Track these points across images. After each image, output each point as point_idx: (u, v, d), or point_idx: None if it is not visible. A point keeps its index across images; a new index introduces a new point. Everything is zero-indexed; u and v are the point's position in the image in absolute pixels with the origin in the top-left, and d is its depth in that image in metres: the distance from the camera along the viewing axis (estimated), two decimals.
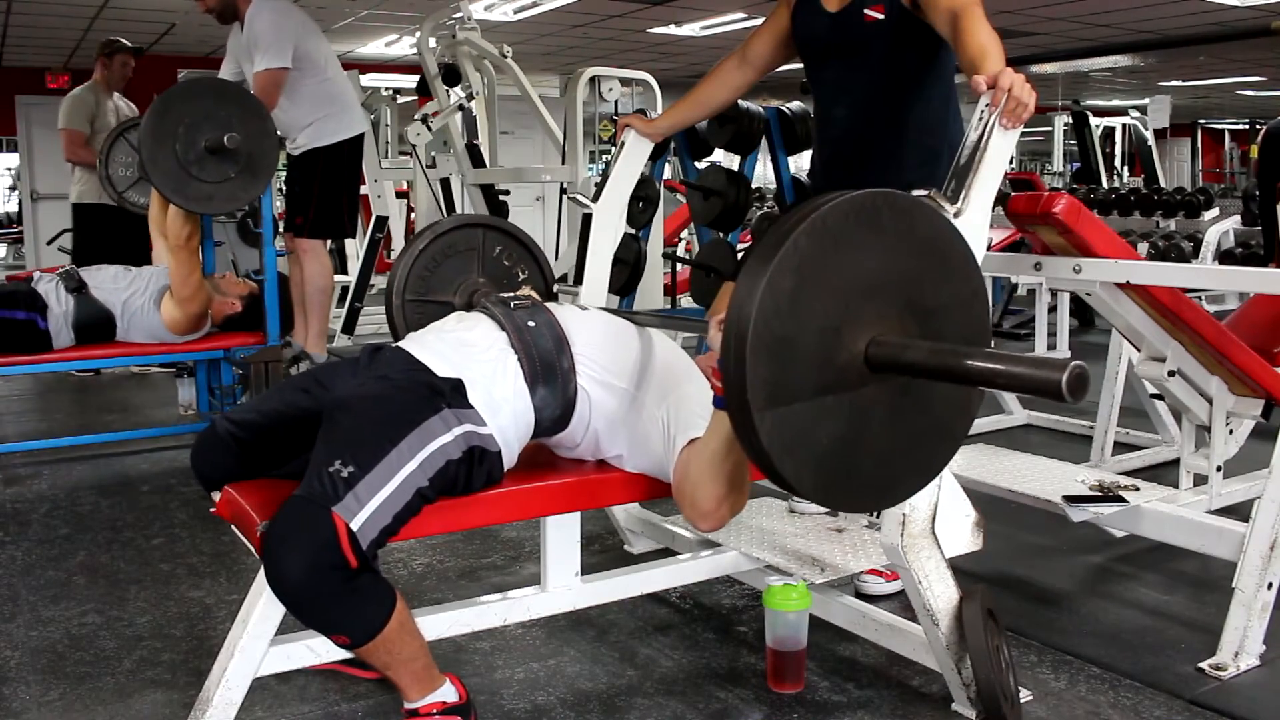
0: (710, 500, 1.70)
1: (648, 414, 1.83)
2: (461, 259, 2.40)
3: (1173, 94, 13.02)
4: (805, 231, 1.31)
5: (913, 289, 1.40)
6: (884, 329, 1.38)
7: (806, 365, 1.34)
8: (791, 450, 1.35)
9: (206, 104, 3.46)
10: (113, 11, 8.31)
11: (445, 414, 1.66)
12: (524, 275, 2.46)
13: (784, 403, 1.32)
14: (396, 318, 2.35)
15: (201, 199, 3.52)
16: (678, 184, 5.34)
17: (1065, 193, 2.51)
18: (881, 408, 1.41)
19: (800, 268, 1.31)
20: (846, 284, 1.35)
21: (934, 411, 1.47)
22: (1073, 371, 1.18)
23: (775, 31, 2.45)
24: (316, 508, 1.51)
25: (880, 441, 1.43)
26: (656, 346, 1.96)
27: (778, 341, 1.31)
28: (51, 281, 3.63)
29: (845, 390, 1.37)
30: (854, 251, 1.35)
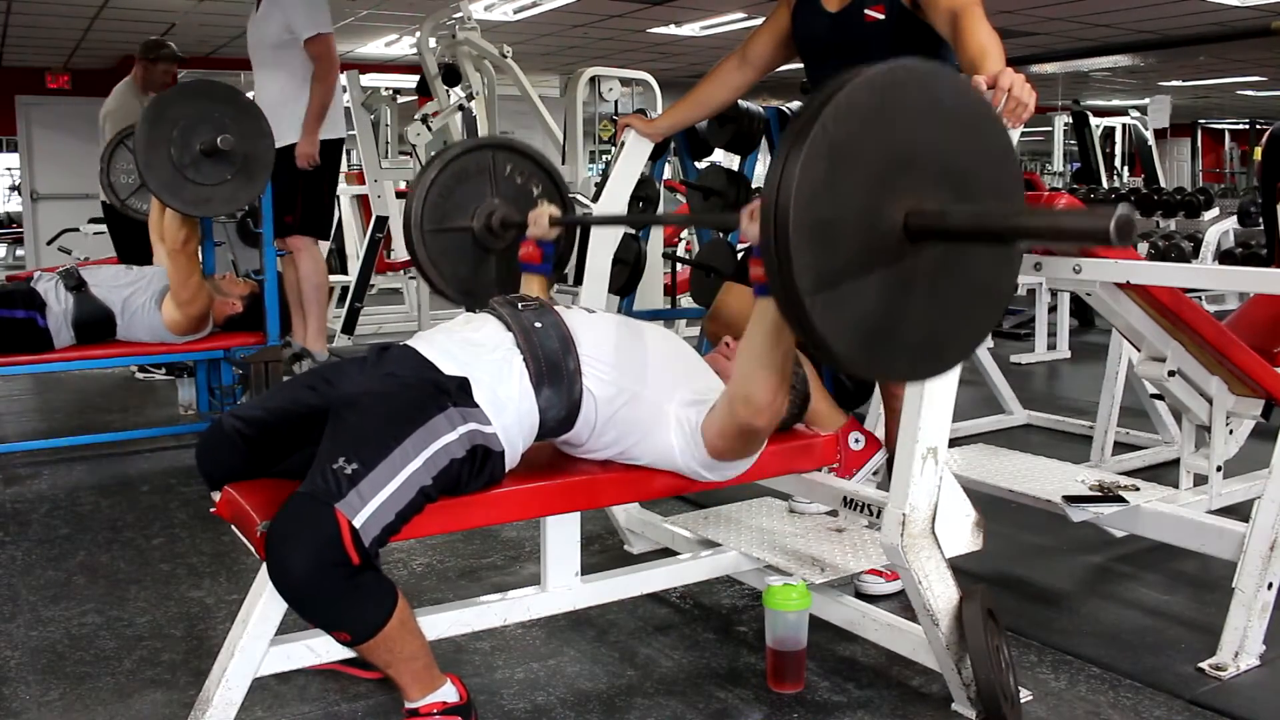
0: (767, 392, 1.69)
1: (656, 410, 1.84)
2: (475, 183, 2.37)
3: (1173, 94, 13.02)
4: (833, 110, 1.30)
5: (943, 155, 1.40)
6: (920, 199, 1.37)
7: (848, 244, 1.33)
8: (844, 330, 1.35)
9: (200, 106, 3.47)
10: (113, 11, 8.31)
11: (450, 412, 1.66)
12: (539, 191, 2.44)
13: (831, 285, 1.32)
14: (418, 250, 2.33)
15: (199, 202, 3.53)
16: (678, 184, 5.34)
17: (1065, 193, 2.52)
18: (925, 277, 1.41)
19: (831, 148, 1.30)
20: (878, 159, 1.35)
21: (977, 274, 1.47)
22: (1120, 215, 1.15)
23: (775, 31, 2.45)
24: (320, 504, 1.52)
25: (928, 310, 1.43)
26: (663, 346, 1.96)
27: (818, 225, 1.30)
28: (51, 280, 3.63)
29: (888, 264, 1.37)
30: (882, 125, 1.35)
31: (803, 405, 2.13)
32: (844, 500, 2.13)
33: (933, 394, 1.85)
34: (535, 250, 2.26)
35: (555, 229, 2.27)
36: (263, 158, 3.59)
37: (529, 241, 2.26)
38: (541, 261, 2.26)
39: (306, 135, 4.03)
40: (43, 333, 3.54)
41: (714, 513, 2.48)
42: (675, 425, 1.83)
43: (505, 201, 2.38)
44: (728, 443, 1.80)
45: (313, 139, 4.03)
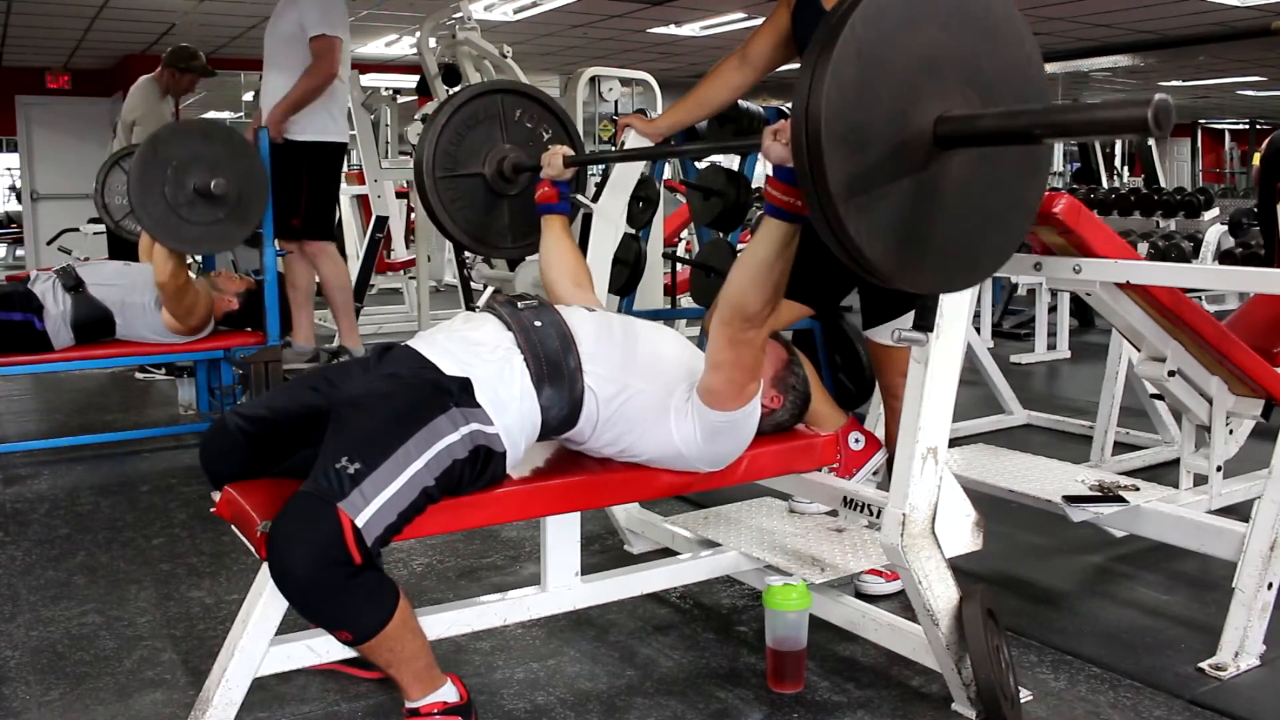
0: (757, 303, 1.70)
1: (657, 406, 1.84)
2: (484, 128, 2.37)
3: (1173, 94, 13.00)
4: (858, 19, 1.30)
5: (969, 61, 1.40)
6: (947, 105, 1.37)
7: (879, 150, 1.34)
8: (876, 235, 1.36)
9: (194, 145, 3.50)
10: (113, 11, 8.31)
11: (453, 413, 1.67)
12: (549, 135, 2.44)
13: (863, 190, 1.33)
14: (431, 198, 2.32)
15: (191, 240, 3.56)
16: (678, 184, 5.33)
17: (1065, 193, 2.51)
18: (955, 183, 1.41)
19: (859, 54, 1.30)
20: (906, 65, 1.35)
21: (1006, 183, 1.48)
22: (1158, 103, 1.14)
23: (775, 31, 2.45)
24: (322, 503, 1.52)
25: (960, 217, 1.43)
26: (664, 341, 1.97)
27: (849, 130, 1.30)
28: (48, 280, 3.62)
29: (919, 169, 1.37)
30: (909, 31, 1.35)
31: (803, 405, 2.13)
32: (844, 500, 2.13)
33: (933, 394, 1.85)
34: (552, 190, 2.27)
35: (569, 169, 2.28)
36: (256, 198, 3.62)
37: (544, 182, 2.28)
38: (559, 200, 2.28)
39: (270, 120, 3.95)
40: (40, 335, 3.54)
41: (714, 513, 2.49)
42: (675, 415, 1.83)
43: (516, 146, 2.38)
44: (720, 374, 1.79)
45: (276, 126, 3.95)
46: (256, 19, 8.36)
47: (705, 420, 1.83)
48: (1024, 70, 1.47)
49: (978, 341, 4.17)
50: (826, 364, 3.64)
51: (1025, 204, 1.54)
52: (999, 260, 1.59)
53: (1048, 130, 1.33)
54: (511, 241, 2.53)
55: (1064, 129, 1.33)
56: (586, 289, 2.24)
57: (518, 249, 2.59)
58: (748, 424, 1.90)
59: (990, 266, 1.60)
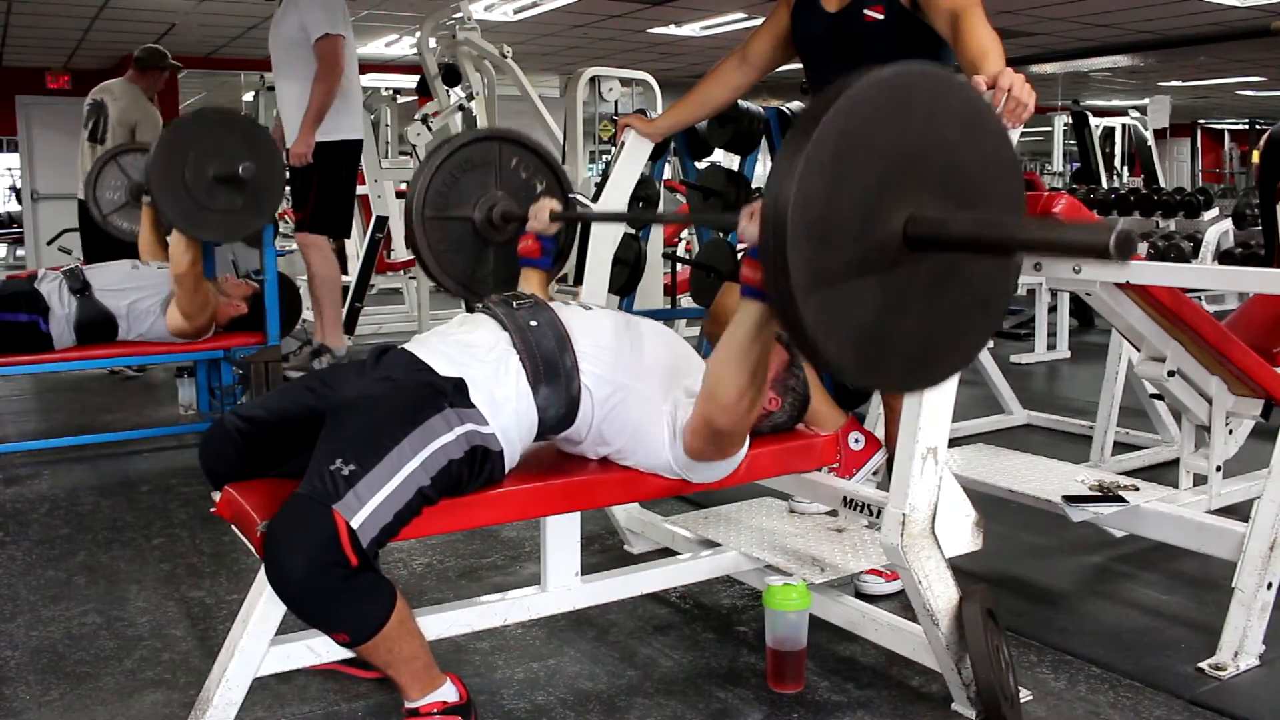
0: (732, 391, 1.68)
1: (652, 409, 1.83)
2: (478, 173, 2.37)
3: (1173, 94, 13.03)
4: (838, 111, 1.29)
5: (946, 164, 1.39)
6: (920, 205, 1.37)
7: (846, 247, 1.33)
8: (835, 332, 1.34)
9: (216, 134, 3.51)
10: (113, 11, 8.31)
11: (447, 413, 1.66)
12: (542, 186, 2.44)
13: (826, 285, 1.31)
14: (418, 236, 2.32)
15: (209, 228, 3.57)
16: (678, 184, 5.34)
17: (1065, 193, 2.52)
18: (921, 284, 1.40)
19: (835, 148, 1.30)
20: (881, 162, 1.34)
21: (973, 286, 1.46)
22: (1120, 232, 1.15)
23: (775, 31, 2.45)
24: (317, 505, 1.52)
25: (921, 319, 1.42)
26: (660, 341, 1.96)
27: (817, 225, 1.29)
28: (55, 281, 3.62)
29: (885, 269, 1.36)
30: (887, 129, 1.34)
31: (803, 405, 2.13)
32: (844, 500, 2.13)
33: (933, 394, 1.84)
34: (535, 244, 2.26)
35: (556, 224, 2.26)
36: (273, 188, 3.64)
37: (529, 235, 2.26)
38: (540, 256, 2.26)
39: (301, 135, 4.02)
40: (45, 337, 3.54)
41: (714, 513, 2.49)
42: (667, 422, 1.83)
43: (508, 194, 2.38)
44: (698, 441, 1.79)
45: (307, 139, 4.01)
46: (256, 19, 8.36)
47: (683, 458, 1.83)
48: (1002, 175, 1.45)
49: None
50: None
51: (991, 309, 1.51)
52: (959, 364, 1.57)
53: (1014, 245, 1.32)
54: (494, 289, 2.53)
55: (1028, 246, 1.30)
56: None
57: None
58: (730, 465, 1.91)
59: (950, 369, 1.58)
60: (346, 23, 4.09)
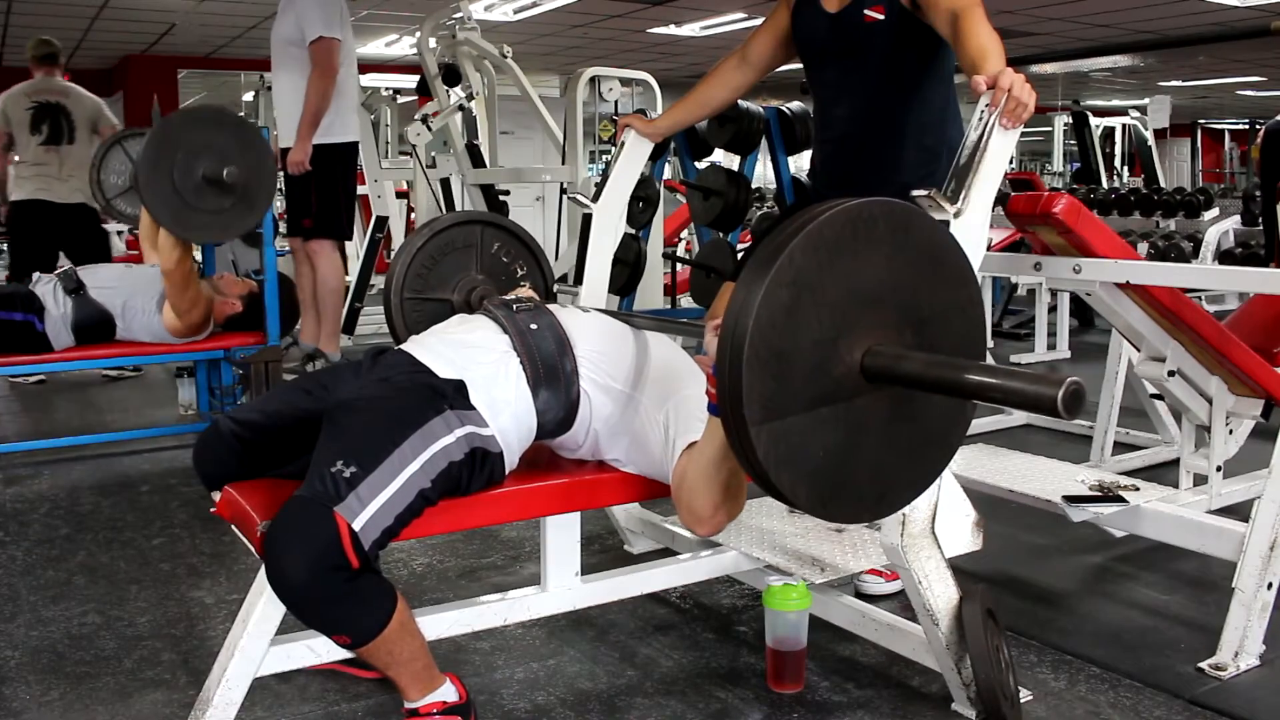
0: (707, 507, 1.69)
1: (649, 416, 1.83)
2: (460, 256, 2.39)
3: (1173, 94, 13.03)
4: (801, 244, 1.30)
5: (909, 298, 1.40)
6: (880, 338, 1.37)
7: (802, 378, 1.33)
8: (787, 463, 1.34)
9: (205, 133, 3.49)
10: (112, 11, 8.32)
11: (448, 415, 1.66)
12: (523, 272, 2.45)
13: (779, 416, 1.32)
14: (395, 316, 2.34)
15: (197, 228, 3.55)
16: (678, 184, 5.34)
17: (1065, 193, 2.52)
18: (877, 417, 1.40)
19: (796, 280, 1.30)
20: (842, 295, 1.35)
21: (929, 420, 1.46)
22: (1068, 388, 1.17)
23: (775, 31, 2.45)
24: (318, 507, 1.51)
25: (875, 451, 1.42)
26: (658, 349, 1.96)
27: (773, 356, 1.30)
28: (49, 283, 3.63)
29: (841, 400, 1.36)
30: (850, 262, 1.34)
31: None
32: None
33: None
34: None
35: None
36: (263, 188, 3.61)
37: None
38: None
39: (298, 142, 4.00)
40: (41, 336, 3.54)
41: None
42: (663, 433, 1.81)
43: (488, 278, 2.40)
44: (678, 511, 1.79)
45: (304, 146, 3.99)
46: (256, 19, 8.36)
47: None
48: (964, 314, 1.46)
49: None
50: None
51: (945, 443, 1.51)
52: (910, 496, 1.57)
53: (963, 389, 1.32)
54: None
55: (979, 390, 1.30)
56: None
57: None
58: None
59: (900, 502, 1.59)
60: (346, 25, 4.08)
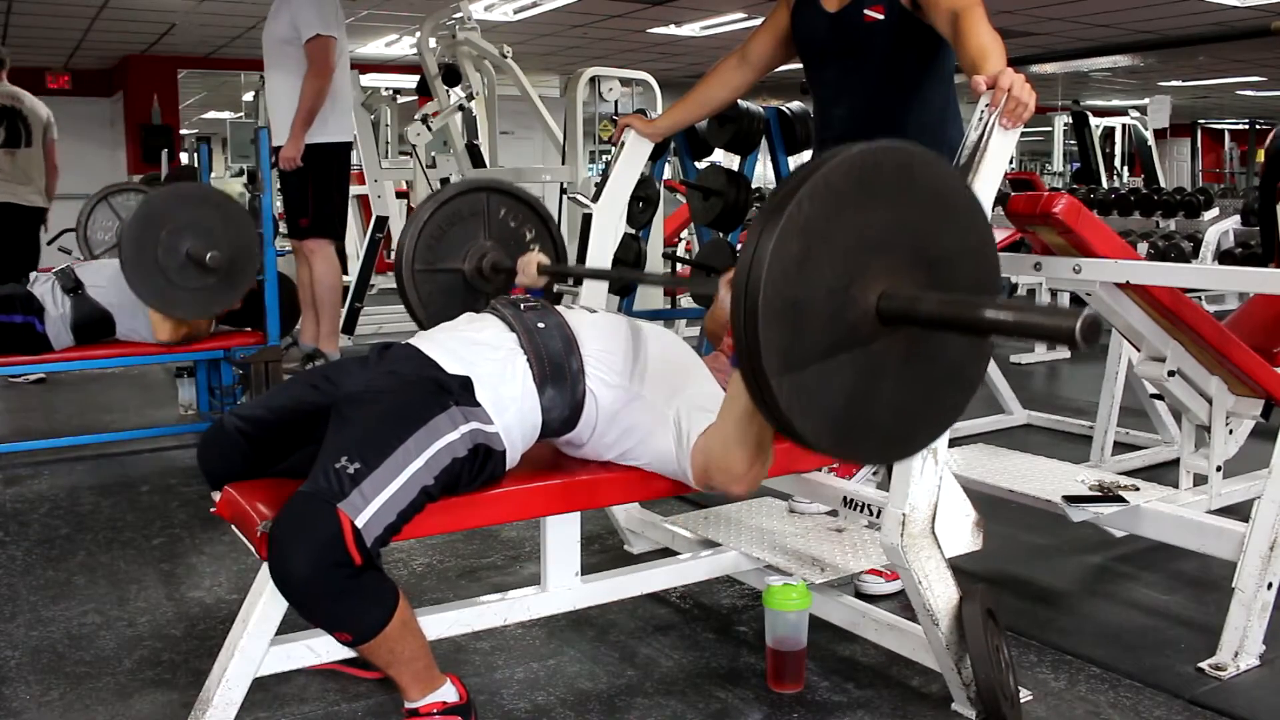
0: (741, 463, 1.69)
1: (657, 414, 1.83)
2: (467, 224, 2.38)
3: (1173, 94, 13.03)
4: (808, 193, 1.30)
5: (920, 239, 1.40)
6: (894, 281, 1.37)
7: (819, 325, 1.33)
8: (810, 411, 1.35)
9: (189, 211, 3.50)
10: (112, 11, 8.31)
11: (453, 411, 1.66)
12: (531, 235, 2.44)
13: (799, 366, 1.32)
14: (408, 289, 2.33)
15: (183, 305, 3.57)
16: (678, 184, 5.34)
17: (1065, 193, 2.52)
18: (895, 359, 1.41)
19: (805, 229, 1.30)
20: (853, 240, 1.35)
21: (948, 360, 1.47)
22: (1086, 319, 1.17)
23: (775, 31, 2.45)
24: (322, 504, 1.52)
25: (896, 393, 1.43)
26: (665, 347, 1.96)
27: (788, 307, 1.30)
28: (47, 282, 3.62)
29: (859, 345, 1.37)
30: (858, 207, 1.34)
31: None
32: (844, 500, 2.13)
33: None
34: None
35: (543, 277, 2.28)
36: (246, 266, 3.63)
37: (517, 289, 2.27)
38: None
39: (291, 138, 3.99)
40: (41, 337, 3.54)
41: (714, 513, 2.49)
42: (674, 431, 1.81)
43: (497, 245, 2.39)
44: (710, 482, 1.79)
45: (297, 142, 3.98)
46: (256, 19, 8.36)
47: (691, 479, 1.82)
48: (978, 252, 1.46)
49: None
50: None
51: (965, 379, 1.52)
52: (934, 434, 1.58)
53: (982, 325, 1.32)
54: None
55: (997, 326, 1.31)
56: None
57: None
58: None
59: (925, 440, 1.59)
60: (340, 24, 4.08)
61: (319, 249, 4.20)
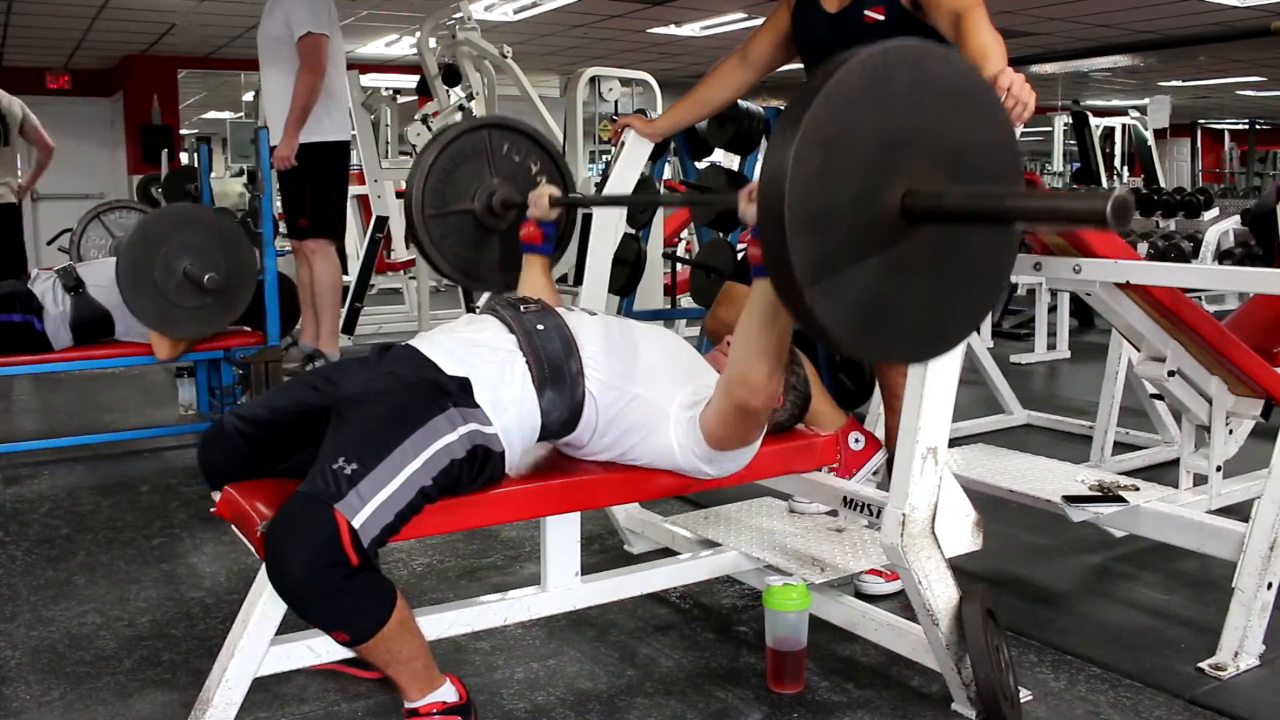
0: (761, 374, 1.69)
1: (657, 412, 1.84)
2: (473, 164, 2.37)
3: (1173, 94, 13.02)
4: (821, 102, 1.30)
5: (939, 136, 1.39)
6: (916, 180, 1.37)
7: (845, 232, 1.34)
8: (846, 319, 1.36)
9: (185, 232, 3.52)
10: (113, 11, 8.31)
11: (451, 413, 1.66)
12: (537, 168, 2.44)
13: (830, 274, 1.33)
14: (421, 236, 2.33)
15: (181, 324, 3.58)
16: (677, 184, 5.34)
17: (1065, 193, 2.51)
18: (924, 258, 1.41)
19: (825, 134, 1.30)
20: (872, 143, 1.35)
21: (974, 256, 1.47)
22: (1116, 198, 1.16)
23: (775, 32, 2.45)
24: (319, 504, 1.52)
25: (927, 292, 1.43)
26: (666, 348, 1.96)
27: (813, 217, 1.30)
28: (48, 280, 3.62)
29: (886, 246, 1.37)
30: (875, 110, 1.34)
31: (803, 405, 2.13)
32: (844, 500, 2.13)
33: (933, 394, 1.85)
34: (536, 230, 2.27)
35: (555, 209, 2.27)
36: (242, 286, 3.64)
37: (529, 222, 2.27)
38: (542, 242, 2.28)
39: (285, 137, 3.99)
40: (40, 336, 3.54)
41: (714, 513, 2.49)
42: (675, 424, 1.83)
43: (505, 181, 2.38)
44: (726, 429, 1.80)
45: (290, 141, 3.98)
46: (256, 19, 8.29)
47: (704, 450, 1.83)
48: (997, 145, 1.46)
49: (978, 341, 4.17)
50: (826, 364, 3.64)
51: (994, 273, 1.52)
52: (968, 329, 1.58)
53: (1010, 214, 1.33)
54: (502, 276, 2.53)
55: (1025, 214, 1.31)
56: None
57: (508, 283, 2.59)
58: (750, 452, 1.91)
59: (959, 336, 1.59)
60: (333, 22, 4.08)
61: (319, 249, 4.20)
